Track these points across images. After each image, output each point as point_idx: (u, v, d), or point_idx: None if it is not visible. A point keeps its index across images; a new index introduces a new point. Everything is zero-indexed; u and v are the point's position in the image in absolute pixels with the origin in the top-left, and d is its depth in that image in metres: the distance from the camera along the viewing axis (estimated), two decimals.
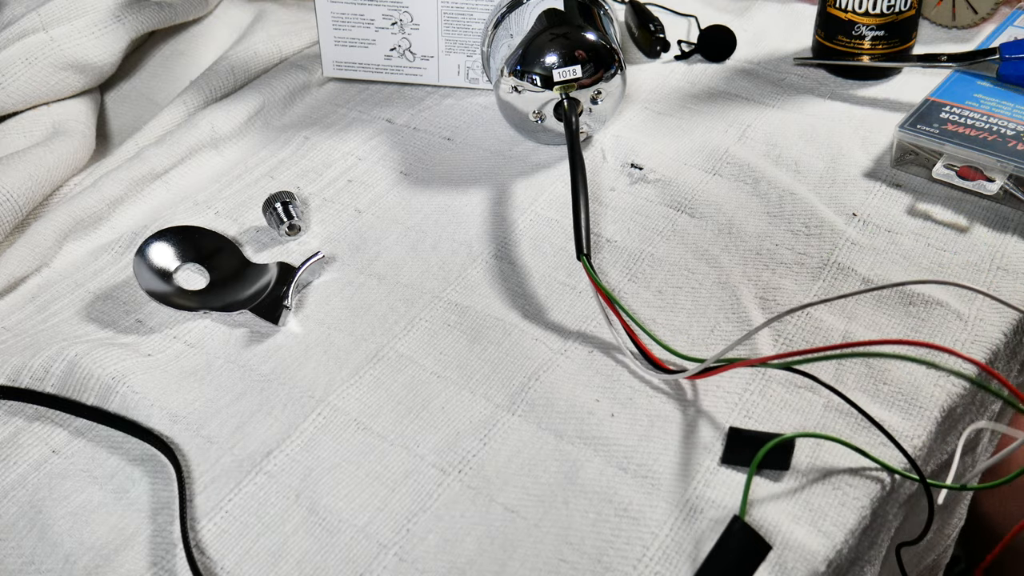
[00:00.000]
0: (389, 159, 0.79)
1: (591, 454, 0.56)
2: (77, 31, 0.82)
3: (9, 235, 0.72)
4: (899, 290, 0.64)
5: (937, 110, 0.74)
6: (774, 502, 0.52)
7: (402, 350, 0.63)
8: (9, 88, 0.79)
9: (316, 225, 0.73)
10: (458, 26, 0.83)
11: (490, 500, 0.54)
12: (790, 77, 0.86)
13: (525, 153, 0.79)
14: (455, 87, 0.87)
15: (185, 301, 0.66)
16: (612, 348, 0.62)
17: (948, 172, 0.71)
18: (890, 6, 0.80)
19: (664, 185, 0.74)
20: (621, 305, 0.60)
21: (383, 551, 0.52)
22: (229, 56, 0.88)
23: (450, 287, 0.67)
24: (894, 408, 0.57)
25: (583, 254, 0.63)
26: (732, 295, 0.65)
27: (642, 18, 0.91)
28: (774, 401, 0.58)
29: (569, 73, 0.73)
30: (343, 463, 0.56)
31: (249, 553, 0.52)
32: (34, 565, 0.53)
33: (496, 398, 0.59)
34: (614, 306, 0.60)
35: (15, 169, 0.73)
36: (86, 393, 0.61)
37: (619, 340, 0.61)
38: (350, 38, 0.85)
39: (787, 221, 0.70)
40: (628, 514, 0.53)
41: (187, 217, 0.74)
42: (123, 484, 0.56)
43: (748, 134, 0.79)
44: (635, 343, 0.60)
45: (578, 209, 0.66)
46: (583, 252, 0.63)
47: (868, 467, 0.54)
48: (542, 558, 0.51)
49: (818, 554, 0.50)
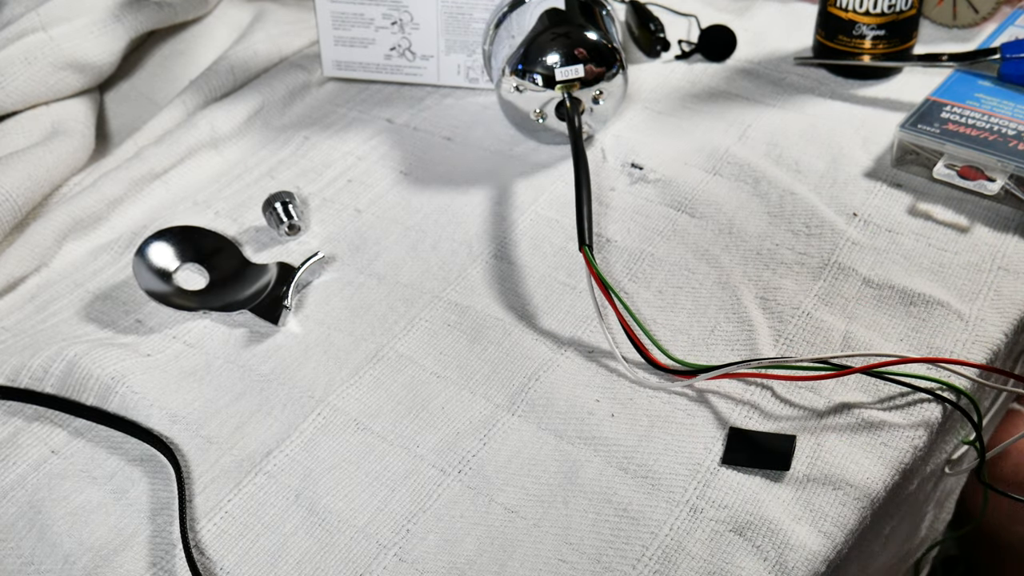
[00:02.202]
0: (389, 159, 0.79)
1: (591, 454, 0.56)
2: (76, 31, 0.82)
3: (8, 235, 0.72)
4: (900, 290, 0.64)
5: (938, 110, 0.74)
6: (774, 502, 0.52)
7: (402, 350, 0.63)
8: (8, 88, 0.79)
9: (316, 225, 0.73)
10: (458, 26, 0.83)
11: (490, 500, 0.54)
12: (791, 77, 0.86)
13: (525, 153, 0.79)
14: (455, 87, 0.87)
15: (185, 301, 0.66)
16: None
17: (949, 172, 0.71)
18: (891, 5, 0.80)
19: (664, 185, 0.74)
20: (620, 297, 0.60)
21: (383, 551, 0.52)
22: (229, 56, 0.88)
23: (450, 287, 0.67)
24: (895, 408, 0.57)
25: (585, 244, 0.63)
26: (732, 295, 0.65)
27: (642, 18, 0.91)
28: (774, 401, 0.58)
29: (571, 72, 0.73)
30: (343, 463, 0.56)
31: (249, 553, 0.52)
32: (33, 565, 0.53)
33: (496, 398, 0.59)
34: (612, 299, 0.60)
35: (14, 169, 0.73)
36: (85, 393, 0.61)
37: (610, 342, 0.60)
38: (350, 38, 0.85)
39: (788, 221, 0.70)
40: (628, 514, 0.53)
41: (187, 217, 0.74)
42: (123, 484, 0.56)
43: (748, 134, 0.79)
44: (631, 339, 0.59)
45: (580, 201, 0.66)
46: (585, 243, 0.63)
47: (868, 467, 0.54)
48: (542, 558, 0.51)
49: (818, 554, 0.50)
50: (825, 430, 0.56)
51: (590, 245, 0.63)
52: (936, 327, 0.62)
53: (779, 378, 0.58)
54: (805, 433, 0.56)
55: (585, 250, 0.63)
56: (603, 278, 0.60)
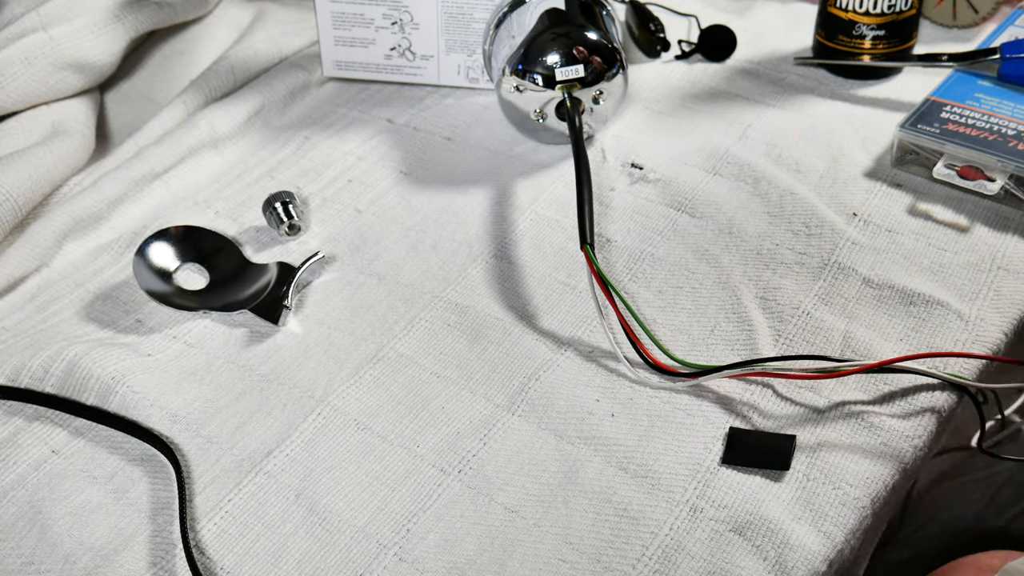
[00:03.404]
0: (389, 159, 0.79)
1: (591, 454, 0.56)
2: (77, 31, 0.82)
3: (8, 235, 0.72)
4: (900, 290, 0.64)
5: (938, 110, 0.74)
6: (774, 502, 0.52)
7: (402, 350, 0.63)
8: (9, 88, 0.79)
9: (316, 225, 0.73)
10: (458, 26, 0.83)
11: (490, 500, 0.54)
12: (790, 77, 0.86)
13: (525, 153, 0.79)
14: (455, 87, 0.87)
15: (185, 301, 0.66)
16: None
17: (949, 172, 0.71)
18: (891, 6, 0.80)
19: (664, 185, 0.74)
20: (621, 296, 0.60)
21: (383, 551, 0.52)
22: (229, 56, 0.88)
23: (450, 287, 0.67)
24: (895, 408, 0.57)
25: (586, 243, 0.63)
26: (732, 295, 0.65)
27: (642, 18, 0.91)
28: (774, 401, 0.58)
29: (571, 72, 0.73)
30: (343, 463, 0.56)
31: (249, 553, 0.52)
32: (34, 565, 0.53)
33: (496, 398, 0.59)
34: (613, 298, 0.60)
35: (15, 169, 0.73)
36: (86, 393, 0.61)
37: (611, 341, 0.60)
38: (350, 38, 0.85)
39: (787, 221, 0.70)
40: (628, 514, 0.53)
41: (187, 217, 0.74)
42: (123, 484, 0.56)
43: (748, 134, 0.79)
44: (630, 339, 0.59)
45: (582, 199, 0.66)
46: (586, 241, 0.63)
47: (868, 466, 0.54)
48: (542, 558, 0.51)
49: (818, 554, 0.50)
50: (825, 430, 0.56)
51: (591, 244, 0.63)
52: (936, 327, 0.62)
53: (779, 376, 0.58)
54: (805, 433, 0.56)
55: (587, 249, 0.63)
56: (604, 277, 0.60)
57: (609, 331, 0.61)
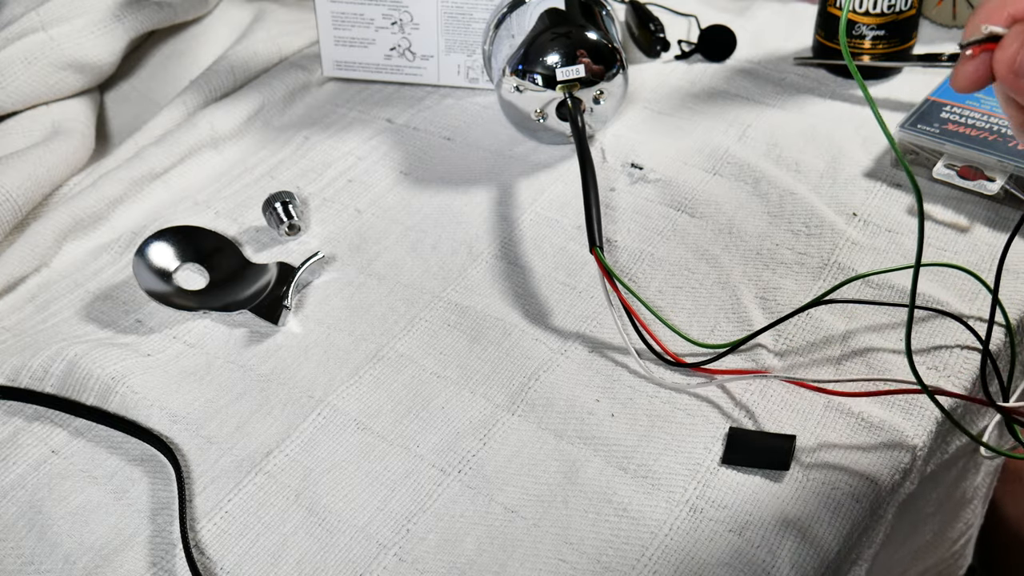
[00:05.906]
0: (389, 159, 0.79)
1: (591, 454, 0.56)
2: (77, 31, 0.82)
3: (8, 235, 0.72)
4: (900, 290, 0.64)
5: (937, 110, 0.74)
6: (774, 502, 0.52)
7: (402, 350, 0.63)
8: (9, 88, 0.79)
9: (316, 225, 0.73)
10: (458, 26, 0.83)
11: (490, 500, 0.54)
12: (790, 77, 0.86)
13: (525, 153, 0.79)
14: (455, 87, 0.87)
15: (185, 301, 0.66)
16: (612, 348, 0.62)
17: (949, 172, 0.71)
18: (890, 6, 0.80)
19: (664, 185, 0.74)
20: (638, 296, 0.60)
21: (383, 551, 0.52)
22: (229, 56, 0.88)
23: (450, 287, 0.67)
24: (895, 408, 0.57)
25: (596, 246, 0.63)
26: (732, 295, 0.65)
27: (642, 18, 0.91)
28: (774, 401, 0.58)
29: (572, 72, 0.73)
30: (343, 463, 0.56)
31: (249, 553, 0.52)
32: (33, 565, 0.53)
33: (496, 398, 0.59)
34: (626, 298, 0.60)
35: (15, 169, 0.73)
36: (85, 393, 0.61)
37: (626, 341, 0.60)
38: (350, 38, 0.85)
39: (787, 221, 0.70)
40: (628, 514, 0.53)
41: (187, 217, 0.74)
42: (123, 484, 0.56)
43: (748, 134, 0.79)
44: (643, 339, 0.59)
45: (589, 202, 0.66)
46: (596, 244, 0.63)
47: (867, 467, 0.54)
48: (542, 558, 0.51)
49: (818, 554, 0.50)
50: (825, 430, 0.56)
51: (601, 246, 0.63)
52: (936, 327, 0.62)
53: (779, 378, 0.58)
54: (805, 433, 0.56)
55: (596, 251, 0.63)
56: (617, 277, 0.60)
57: (624, 333, 0.60)
